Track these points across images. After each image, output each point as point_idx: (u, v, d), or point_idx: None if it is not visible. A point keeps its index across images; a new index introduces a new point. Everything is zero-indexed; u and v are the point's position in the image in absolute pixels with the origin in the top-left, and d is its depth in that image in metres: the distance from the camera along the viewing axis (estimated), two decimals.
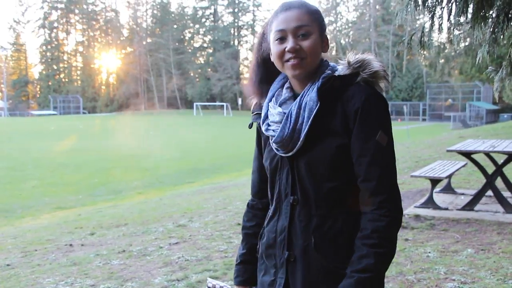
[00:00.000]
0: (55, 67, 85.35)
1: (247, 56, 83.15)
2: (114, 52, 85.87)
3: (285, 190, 1.51)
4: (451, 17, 4.48)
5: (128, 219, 6.83)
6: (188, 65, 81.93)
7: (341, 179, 1.43)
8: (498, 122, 32.58)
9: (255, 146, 1.70)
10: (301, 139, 1.43)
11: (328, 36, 1.57)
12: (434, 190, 6.38)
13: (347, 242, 1.43)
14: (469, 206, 6.05)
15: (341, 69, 1.49)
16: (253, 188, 1.74)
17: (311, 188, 1.45)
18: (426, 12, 4.75)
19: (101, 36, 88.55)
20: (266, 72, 1.60)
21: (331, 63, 1.53)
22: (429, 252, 4.44)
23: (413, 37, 5.31)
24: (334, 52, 72.47)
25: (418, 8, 4.68)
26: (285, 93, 1.53)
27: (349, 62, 1.47)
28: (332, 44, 70.92)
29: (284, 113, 1.47)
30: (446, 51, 18.55)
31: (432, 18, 4.64)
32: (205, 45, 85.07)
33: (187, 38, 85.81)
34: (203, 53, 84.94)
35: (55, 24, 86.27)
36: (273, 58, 1.50)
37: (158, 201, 9.02)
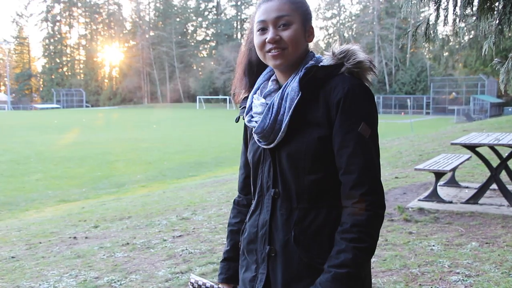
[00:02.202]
0: (58, 60, 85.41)
1: None
2: (116, 46, 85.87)
3: (267, 183, 1.48)
4: (457, 9, 4.44)
5: (131, 212, 6.83)
6: (191, 59, 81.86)
7: (323, 172, 1.39)
8: (502, 116, 32.44)
9: (242, 140, 1.67)
10: (282, 130, 1.40)
11: (331, 30, 1.53)
12: (438, 184, 6.36)
13: (329, 236, 1.39)
14: (474, 199, 6.03)
15: (326, 60, 1.46)
16: (239, 184, 1.71)
17: (292, 181, 1.42)
18: (431, 4, 4.71)
19: (104, 29, 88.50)
20: (253, 65, 1.58)
21: (317, 55, 1.50)
22: (433, 246, 4.42)
23: (417, 30, 5.26)
24: (337, 45, 71.91)
25: (423, 0, 4.64)
26: (270, 85, 1.51)
27: (333, 53, 1.45)
28: (335, 37, 70.72)
29: (267, 104, 1.45)
30: (450, 44, 18.46)
31: (437, 9, 4.60)
32: (208, 38, 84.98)
33: (190, 31, 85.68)
34: (206, 46, 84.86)
35: (58, 18, 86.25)
36: (256, 48, 1.48)
37: (161, 194, 9.03)
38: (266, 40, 1.42)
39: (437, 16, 4.61)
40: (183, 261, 4.27)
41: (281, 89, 1.45)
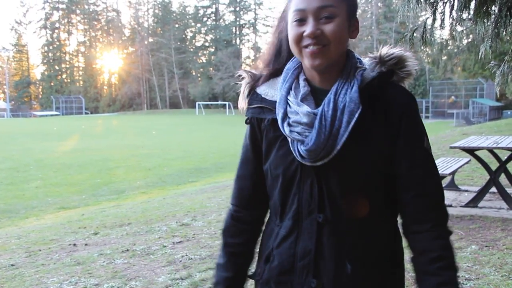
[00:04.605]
0: (57, 67, 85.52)
1: (249, 55, 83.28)
2: (115, 52, 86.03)
3: (308, 206, 1.26)
4: (453, 13, 4.47)
5: (131, 219, 6.83)
6: (190, 65, 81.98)
7: (379, 193, 1.25)
8: (501, 119, 32.46)
9: (243, 147, 1.43)
10: (337, 147, 1.20)
11: None
12: None
13: (390, 263, 1.28)
14: (473, 202, 6.04)
15: (370, 64, 1.29)
16: (241, 197, 1.45)
17: (343, 204, 1.24)
18: (428, 8, 4.74)
19: (103, 36, 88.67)
20: (280, 57, 1.36)
21: (357, 55, 1.31)
22: None
23: (415, 34, 5.29)
24: (385, 48, 71.85)
25: (420, 4, 4.67)
26: (303, 86, 1.28)
27: (381, 57, 1.28)
28: None
29: (313, 114, 1.22)
30: (449, 47, 18.51)
31: (434, 13, 4.63)
32: (206, 44, 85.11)
33: (188, 37, 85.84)
34: (205, 52, 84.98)
35: (57, 25, 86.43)
36: (290, 42, 1.25)
37: (161, 200, 9.02)
38: (304, 33, 1.20)
39: (434, 20, 4.64)
40: (183, 267, 4.27)
41: (332, 97, 1.22)
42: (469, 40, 14.94)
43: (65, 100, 75.60)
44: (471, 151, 6.25)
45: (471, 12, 4.48)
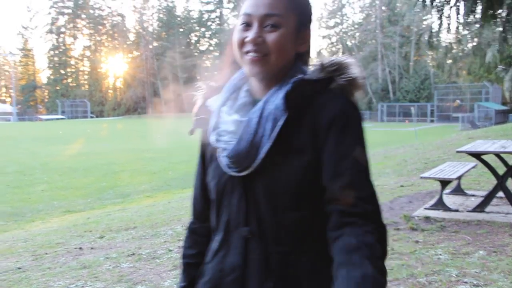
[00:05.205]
0: (62, 72, 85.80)
1: None
2: (120, 56, 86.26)
3: (236, 219, 1.21)
4: (460, 16, 4.46)
5: (137, 222, 6.83)
6: (194, 69, 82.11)
7: (307, 208, 1.16)
8: (507, 123, 32.35)
9: (198, 158, 1.39)
10: (260, 155, 1.15)
11: (334, 38, 1.23)
12: (444, 192, 6.33)
13: (314, 286, 1.18)
14: (480, 207, 6.00)
15: (312, 72, 1.21)
16: (195, 208, 1.43)
17: (269, 219, 1.17)
18: (434, 12, 4.72)
19: (108, 40, 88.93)
20: (236, 66, 1.29)
21: (304, 67, 1.25)
22: (440, 254, 4.40)
23: (421, 38, 5.28)
24: (340, 54, 72.08)
25: (426, 8, 4.66)
26: (243, 97, 1.24)
27: (322, 65, 1.20)
28: (338, 46, 70.90)
29: (241, 122, 1.19)
30: (454, 51, 18.47)
31: (440, 17, 4.61)
32: (211, 48, 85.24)
33: (193, 41, 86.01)
34: (209, 56, 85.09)
35: (62, 29, 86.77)
36: (233, 45, 1.22)
37: (166, 204, 9.02)
38: (246, 39, 1.17)
39: (440, 24, 4.63)
40: None
41: (261, 104, 1.18)
42: (474, 43, 14.91)
43: (71, 104, 75.88)
44: (477, 155, 6.22)
45: (478, 16, 4.47)
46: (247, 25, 1.18)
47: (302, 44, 1.23)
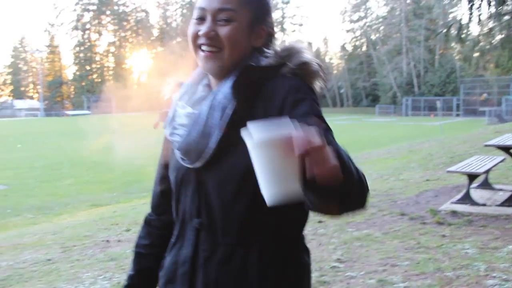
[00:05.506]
0: (88, 68, 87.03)
1: None
2: (144, 52, 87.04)
3: (189, 211, 1.21)
4: (491, 8, 4.36)
5: None
6: None
7: (257, 200, 1.07)
8: None
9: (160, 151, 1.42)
10: (210, 145, 1.14)
11: (358, 32, 1.11)
12: (471, 186, 6.24)
13: (259, 281, 1.14)
14: (509, 202, 5.91)
15: (266, 59, 1.20)
16: (153, 200, 1.43)
17: (218, 210, 1.16)
18: (464, 4, 4.64)
19: (132, 36, 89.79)
20: None
21: (261, 57, 1.21)
22: (468, 249, 4.34)
23: (449, 31, 5.19)
24: (364, 48, 71.71)
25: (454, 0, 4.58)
26: (201, 91, 1.24)
27: (275, 51, 1.20)
28: (362, 40, 70.18)
29: (193, 114, 1.19)
30: (481, 44, 18.12)
31: (470, 9, 4.53)
32: None
33: None
34: None
35: (88, 26, 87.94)
36: (188, 39, 1.23)
37: None
38: (199, 32, 1.18)
39: (471, 16, 4.54)
40: None
41: (211, 96, 1.18)
42: (503, 35, 14.60)
43: (96, 100, 76.93)
44: (506, 149, 6.12)
45: (509, 7, 4.37)
46: (201, 19, 1.18)
47: (258, 39, 1.21)
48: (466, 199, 6.05)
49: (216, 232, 1.17)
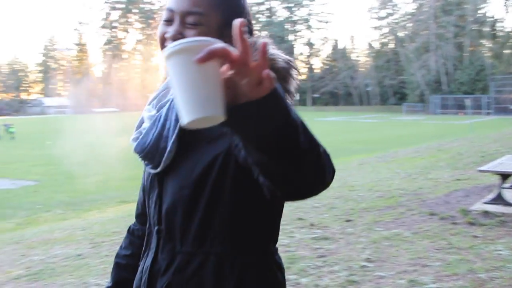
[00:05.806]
0: (115, 65, 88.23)
1: (302, 52, 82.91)
2: None
3: (153, 218, 1.18)
4: None
5: None
6: None
7: (214, 206, 1.08)
8: None
9: None
10: (168, 149, 1.10)
11: (385, 29, 0.96)
12: (503, 186, 6.10)
13: None
14: None
15: None
16: (136, 209, 1.40)
17: (177, 217, 1.11)
18: None
19: None
20: None
21: None
22: (501, 250, 4.24)
23: (481, 27, 5.06)
24: (392, 45, 70.84)
25: None
26: (171, 94, 1.18)
27: None
28: (390, 37, 69.35)
29: (154, 117, 1.16)
30: None
31: (505, 4, 4.41)
32: None
33: None
34: None
35: (115, 24, 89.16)
36: (157, 40, 1.17)
37: None
38: (165, 35, 1.12)
39: (507, 11, 4.42)
40: None
41: (171, 98, 1.14)
42: None
43: (123, 97, 77.91)
44: None
45: None
46: (169, 21, 1.13)
47: (230, 42, 1.12)
48: (498, 199, 5.91)
49: (175, 240, 1.13)
